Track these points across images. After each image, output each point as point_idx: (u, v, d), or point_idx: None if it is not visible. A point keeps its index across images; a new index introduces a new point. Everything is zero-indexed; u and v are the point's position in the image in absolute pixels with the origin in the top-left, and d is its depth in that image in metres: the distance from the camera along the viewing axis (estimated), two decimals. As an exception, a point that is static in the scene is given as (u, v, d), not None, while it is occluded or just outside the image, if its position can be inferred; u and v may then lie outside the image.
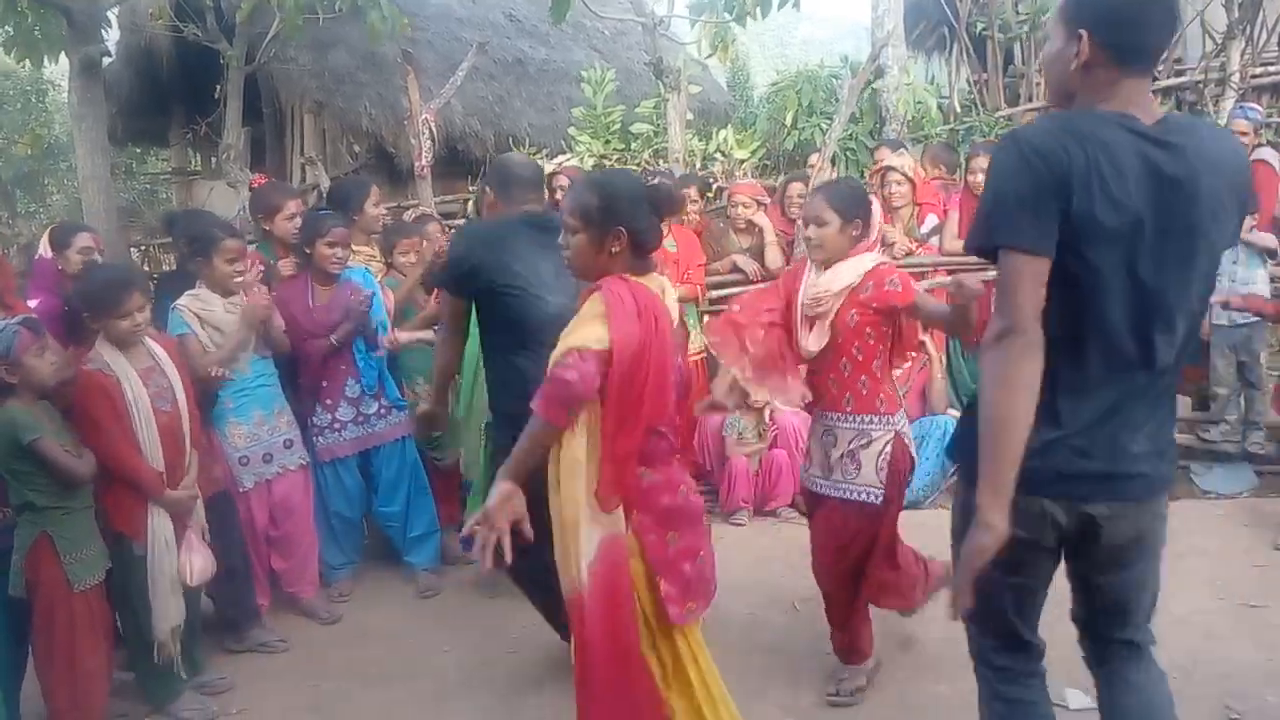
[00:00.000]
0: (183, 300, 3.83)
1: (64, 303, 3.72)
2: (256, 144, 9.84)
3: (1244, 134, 5.37)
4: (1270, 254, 4.96)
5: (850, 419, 3.10)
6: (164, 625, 3.22)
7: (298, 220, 4.39)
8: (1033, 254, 1.79)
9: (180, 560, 3.24)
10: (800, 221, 3.45)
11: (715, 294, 5.62)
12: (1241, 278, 4.95)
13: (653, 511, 2.41)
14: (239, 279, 3.85)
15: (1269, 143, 6.25)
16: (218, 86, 8.72)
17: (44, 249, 4.41)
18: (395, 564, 4.50)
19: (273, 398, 4.03)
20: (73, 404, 3.16)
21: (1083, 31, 1.90)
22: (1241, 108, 5.83)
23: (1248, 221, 4.87)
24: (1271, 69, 7.25)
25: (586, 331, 2.27)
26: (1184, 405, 5.47)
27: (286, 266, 4.39)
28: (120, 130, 10.03)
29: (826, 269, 3.07)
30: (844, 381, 3.09)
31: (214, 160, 10.02)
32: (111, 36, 9.01)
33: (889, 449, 3.06)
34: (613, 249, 2.40)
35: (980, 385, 1.88)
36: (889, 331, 3.07)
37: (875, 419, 3.07)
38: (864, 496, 3.07)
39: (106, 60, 7.97)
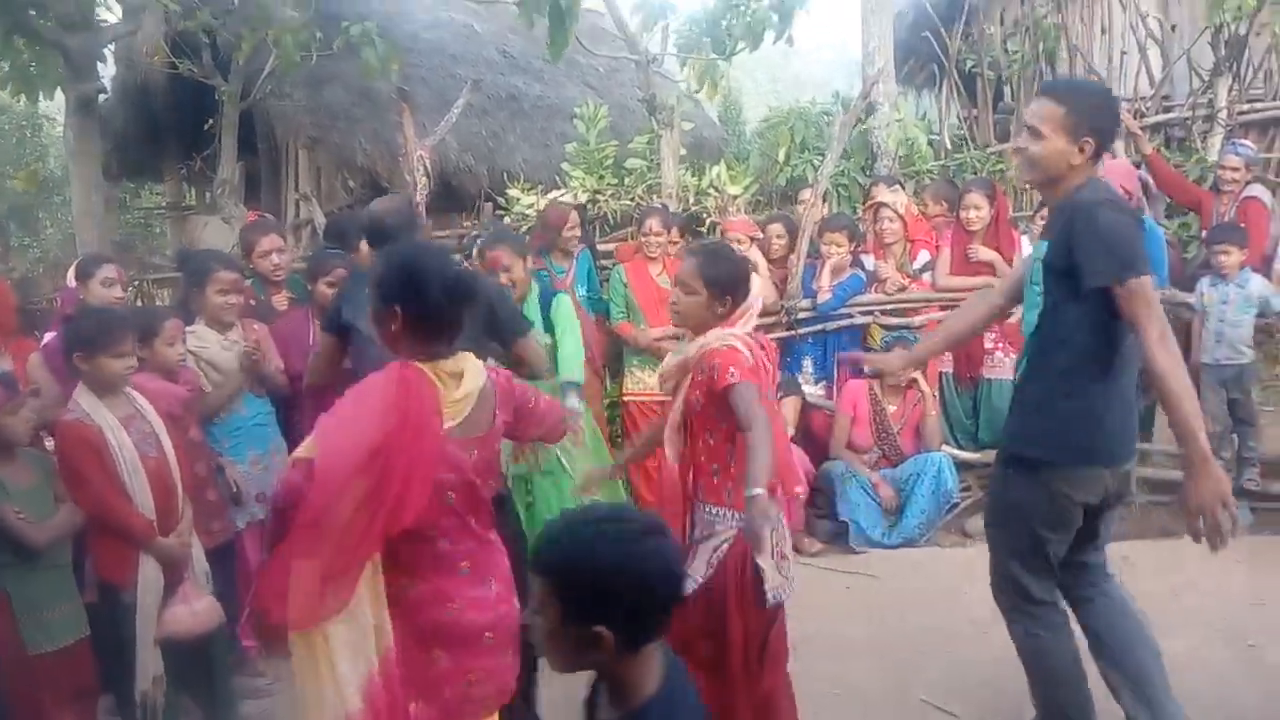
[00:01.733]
0: (180, 337, 3.84)
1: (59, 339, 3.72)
2: (251, 179, 9.87)
3: (1235, 170, 5.43)
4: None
5: (700, 506, 2.81)
6: (147, 675, 3.16)
7: (274, 257, 4.40)
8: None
9: (174, 611, 3.19)
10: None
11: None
12: (1230, 319, 4.96)
13: (413, 626, 2.25)
14: (231, 312, 3.87)
15: (1258, 179, 6.33)
16: (212, 122, 8.74)
17: (70, 279, 4.40)
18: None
19: (268, 436, 4.02)
20: (56, 455, 3.12)
21: (1089, 140, 2.65)
22: (1233, 144, 5.89)
23: (1237, 256, 4.91)
24: (1258, 106, 7.33)
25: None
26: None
27: (280, 301, 4.40)
28: (115, 165, 10.04)
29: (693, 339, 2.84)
30: (699, 465, 2.82)
31: (208, 195, 10.03)
32: (107, 72, 9.07)
33: (725, 547, 2.73)
34: (391, 326, 2.27)
35: (1167, 373, 2.50)
36: (728, 420, 2.70)
37: (719, 511, 2.76)
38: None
39: (102, 96, 8.01)
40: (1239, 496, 4.99)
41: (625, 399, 5.45)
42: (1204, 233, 5.59)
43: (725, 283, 2.77)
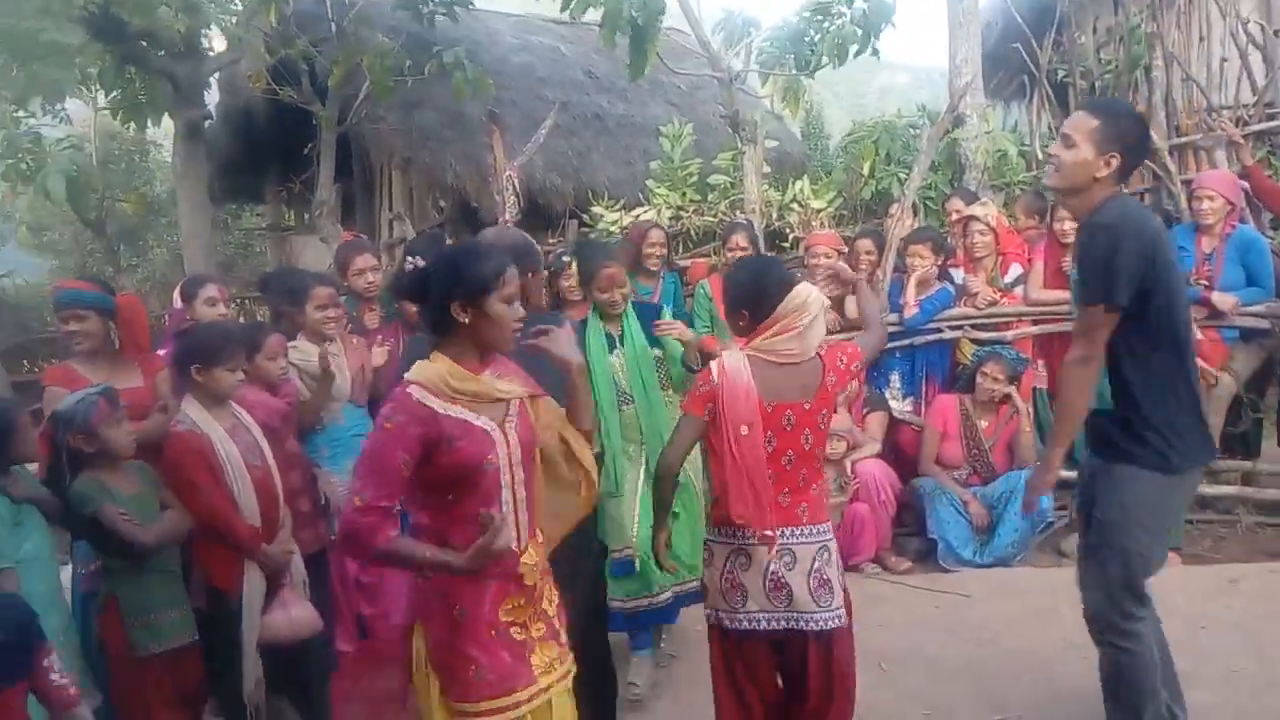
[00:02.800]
0: (284, 352, 4.00)
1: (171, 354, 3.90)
2: (347, 200, 10.20)
3: (1343, 179, 5.20)
4: None
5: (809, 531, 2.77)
6: (251, 679, 3.26)
7: (368, 275, 4.54)
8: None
9: (273, 616, 3.30)
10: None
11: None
12: None
13: None
14: (331, 326, 4.02)
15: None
16: (311, 145, 9.08)
17: (176, 300, 4.59)
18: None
19: None
20: (165, 466, 3.25)
21: (1115, 155, 2.76)
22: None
23: None
24: (1366, 112, 7.01)
25: None
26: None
27: (371, 319, 4.54)
28: (219, 187, 10.49)
29: None
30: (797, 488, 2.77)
31: (307, 216, 10.40)
32: (212, 99, 9.50)
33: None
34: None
35: (1067, 386, 2.88)
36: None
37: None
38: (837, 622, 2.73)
39: (207, 122, 8.39)
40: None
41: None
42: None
43: (738, 298, 2.82)
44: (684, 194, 7.30)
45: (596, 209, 7.40)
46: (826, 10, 6.06)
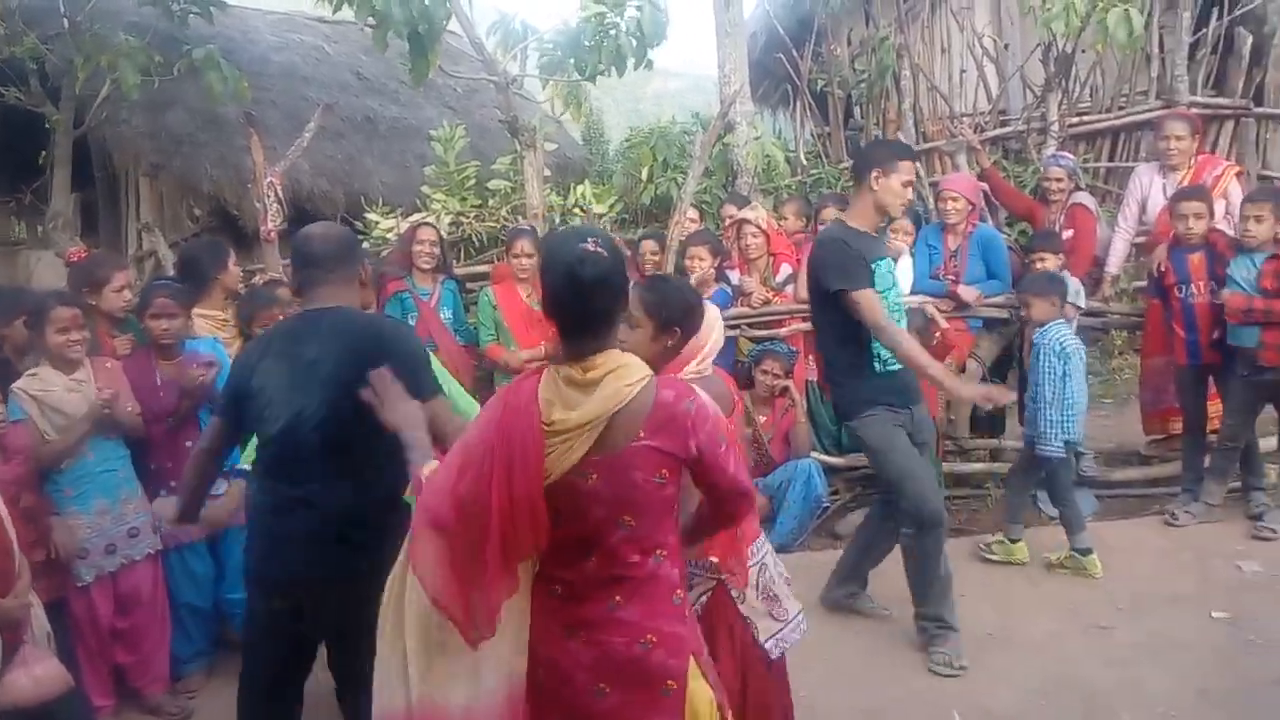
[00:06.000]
0: (20, 382, 3.57)
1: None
2: (88, 210, 9.32)
3: (1059, 180, 5.76)
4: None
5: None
6: (-15, 745, 2.91)
7: (126, 293, 4.14)
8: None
9: (14, 676, 2.94)
10: None
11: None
12: None
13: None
14: (76, 350, 3.63)
15: (1086, 187, 6.75)
16: (43, 151, 8.23)
17: None
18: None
19: (118, 484, 3.76)
20: None
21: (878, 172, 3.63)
22: (1054, 156, 6.25)
23: (1052, 262, 5.17)
24: (1086, 118, 7.83)
25: None
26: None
27: (123, 345, 4.13)
28: (-67, 198, 9.35)
29: None
30: None
31: (40, 229, 9.42)
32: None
33: (705, 599, 2.69)
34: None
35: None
36: None
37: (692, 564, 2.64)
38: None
39: (-85, 125, 7.43)
40: (1080, 486, 5.30)
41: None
42: (1036, 240, 5.91)
43: (670, 313, 2.45)
44: (463, 199, 7.15)
45: (371, 215, 7.13)
46: (601, 20, 6.10)
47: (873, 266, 3.66)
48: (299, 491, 2.63)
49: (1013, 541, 4.72)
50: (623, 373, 1.97)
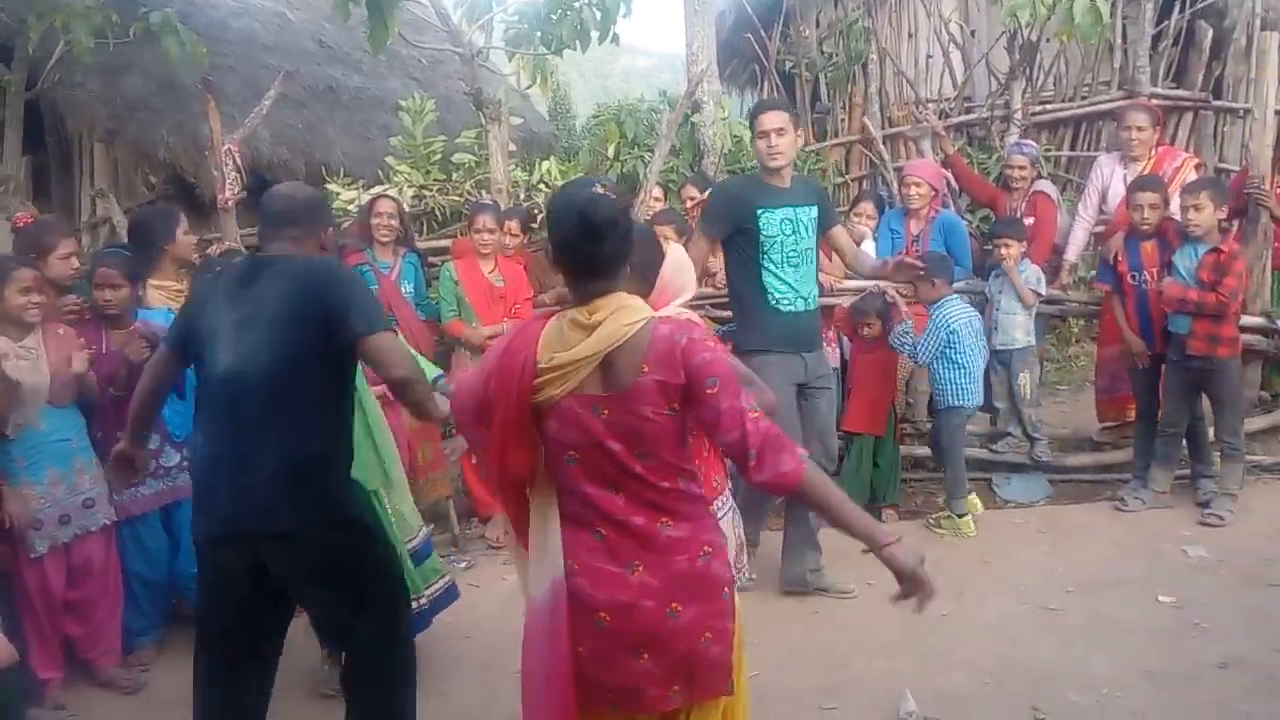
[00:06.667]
0: (-36, 348, 3.48)
1: None
2: (40, 174, 9.04)
3: (1021, 168, 5.81)
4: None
5: None
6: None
7: (74, 261, 4.05)
8: None
9: None
10: None
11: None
12: (1005, 308, 5.28)
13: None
14: (34, 313, 3.55)
15: (1048, 175, 6.82)
16: (-7, 113, 7.99)
17: None
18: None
19: (71, 453, 3.71)
20: None
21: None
22: (1018, 144, 6.30)
23: (1016, 249, 5.23)
24: (1049, 107, 7.90)
25: None
26: (981, 421, 5.84)
27: (69, 302, 4.03)
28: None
29: None
30: None
31: (-10, 192, 9.16)
32: None
33: None
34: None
35: None
36: None
37: None
38: None
39: None
40: (1039, 470, 5.38)
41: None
42: (998, 227, 5.97)
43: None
44: (427, 172, 7.07)
45: (332, 186, 7.02)
46: (563, -7, 6.04)
47: (757, 212, 4.00)
48: (247, 436, 2.56)
49: (959, 516, 4.84)
50: (623, 314, 2.04)
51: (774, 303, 4.05)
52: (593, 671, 2.09)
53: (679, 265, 2.66)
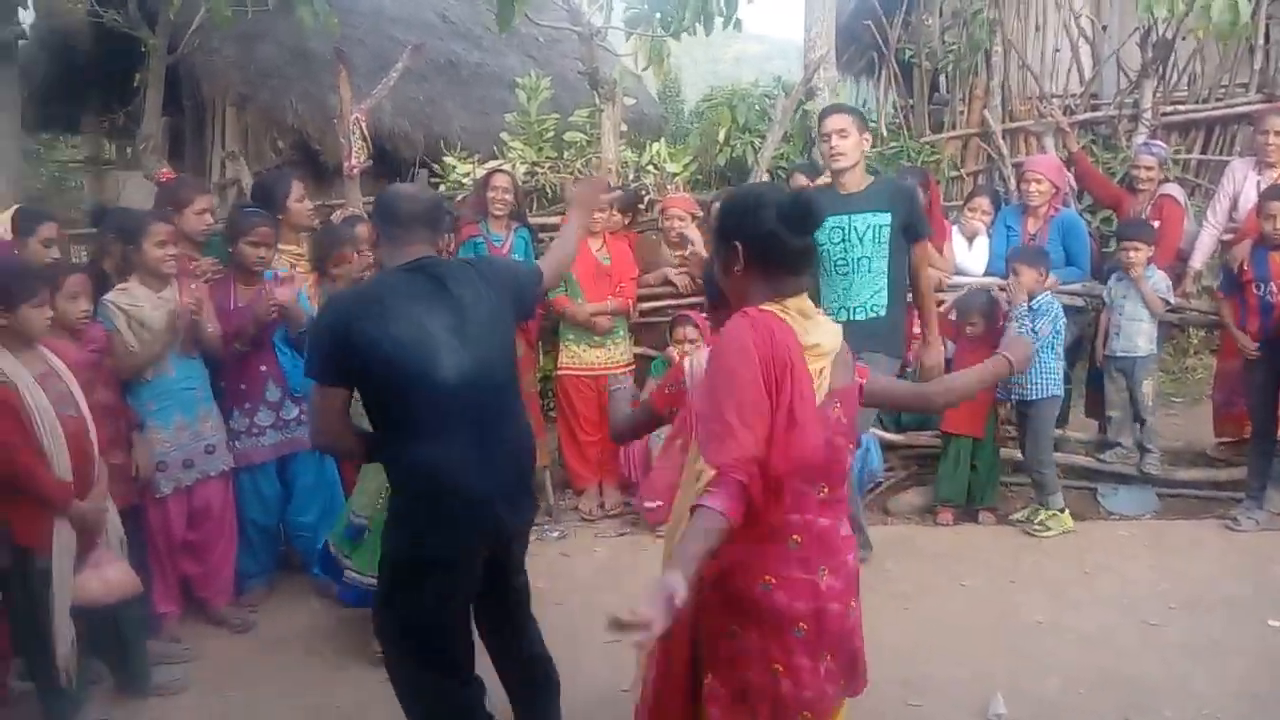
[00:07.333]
0: (110, 295, 3.74)
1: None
2: (176, 136, 9.53)
3: (1150, 169, 5.59)
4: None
5: None
6: (63, 640, 3.07)
7: (208, 217, 4.28)
8: None
9: (85, 576, 3.10)
10: None
11: (646, 305, 5.66)
12: (1129, 313, 5.11)
13: (720, 590, 2.03)
14: (170, 265, 3.77)
15: (1175, 178, 6.55)
16: (137, 75, 8.42)
17: (4, 232, 4.18)
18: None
19: (196, 401, 3.93)
20: None
21: None
22: (1147, 144, 6.06)
23: (1144, 253, 5.06)
24: (1181, 108, 7.57)
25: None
26: (1088, 428, 5.69)
27: (209, 267, 4.27)
28: (31, 115, 9.61)
29: None
30: None
31: (130, 151, 9.67)
32: (27, 18, 8.67)
33: None
34: (735, 267, 2.08)
35: None
36: None
37: None
38: None
39: (21, 43, 7.65)
40: (1147, 483, 5.21)
41: (559, 373, 5.43)
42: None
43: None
44: (540, 149, 7.18)
45: (448, 159, 7.19)
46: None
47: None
48: (495, 438, 2.57)
49: (1060, 511, 4.81)
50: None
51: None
52: (789, 689, 2.00)
53: None
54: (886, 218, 4.01)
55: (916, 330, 4.55)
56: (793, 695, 1.99)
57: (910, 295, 4.29)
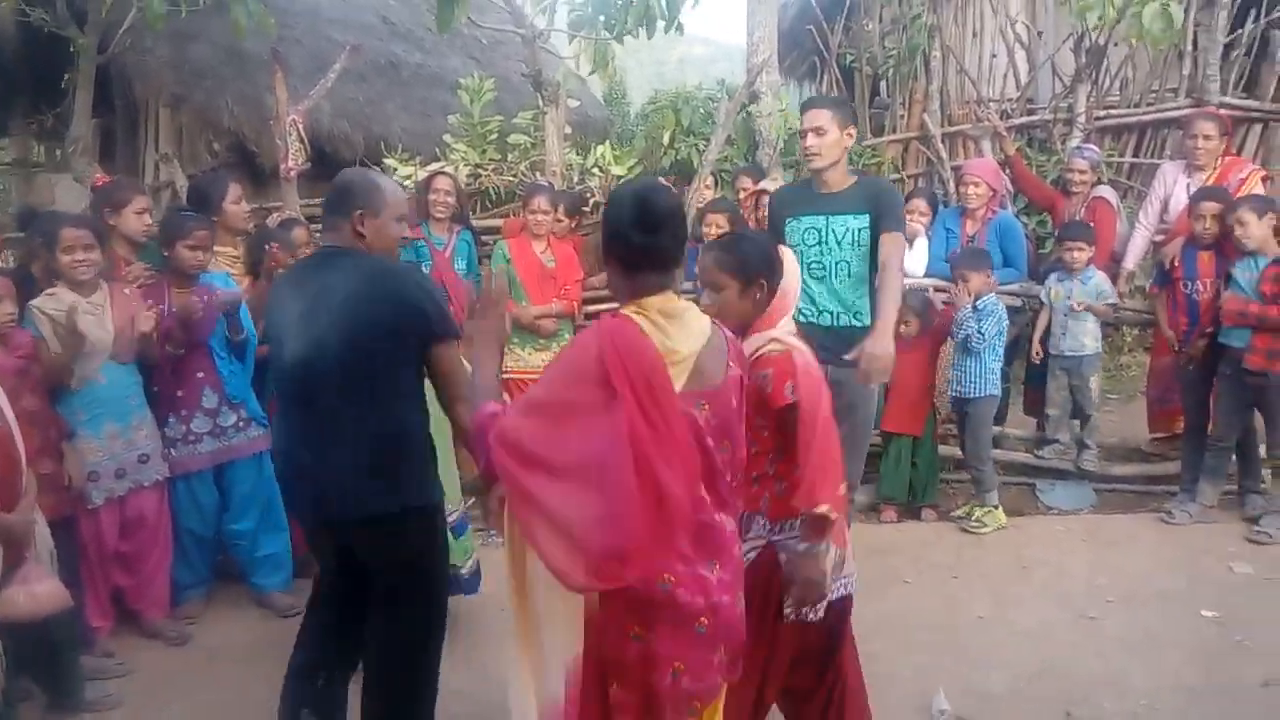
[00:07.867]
0: (38, 300, 3.61)
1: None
2: (107, 137, 9.28)
3: (1082, 173, 5.72)
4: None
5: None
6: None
7: (146, 217, 4.17)
8: None
9: (12, 591, 2.98)
10: None
11: (591, 308, 5.64)
12: (1073, 313, 5.24)
13: (618, 596, 1.99)
14: (83, 271, 3.65)
15: (1108, 181, 6.71)
16: (66, 75, 8.17)
17: None
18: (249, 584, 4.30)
19: (130, 409, 3.82)
20: None
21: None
22: (1080, 148, 6.20)
23: (1087, 253, 5.19)
24: (1114, 112, 7.76)
25: None
26: (1027, 425, 5.79)
27: (138, 272, 4.15)
28: (-47, 116, 9.31)
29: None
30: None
31: (59, 153, 9.39)
32: (-53, 15, 8.36)
33: (753, 555, 2.55)
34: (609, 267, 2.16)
35: None
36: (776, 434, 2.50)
37: (753, 516, 2.58)
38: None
39: (-60, 40, 7.38)
40: (1084, 479, 5.32)
41: (505, 376, 5.38)
42: (1056, 231, 5.88)
43: (752, 267, 2.53)
44: (483, 151, 7.12)
45: (389, 161, 7.11)
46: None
47: (785, 220, 3.91)
48: (331, 425, 2.62)
49: (995, 508, 4.93)
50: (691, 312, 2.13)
51: (793, 312, 3.81)
52: (687, 684, 2.03)
53: (794, 269, 2.68)
54: (865, 220, 3.76)
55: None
56: (690, 689, 2.04)
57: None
